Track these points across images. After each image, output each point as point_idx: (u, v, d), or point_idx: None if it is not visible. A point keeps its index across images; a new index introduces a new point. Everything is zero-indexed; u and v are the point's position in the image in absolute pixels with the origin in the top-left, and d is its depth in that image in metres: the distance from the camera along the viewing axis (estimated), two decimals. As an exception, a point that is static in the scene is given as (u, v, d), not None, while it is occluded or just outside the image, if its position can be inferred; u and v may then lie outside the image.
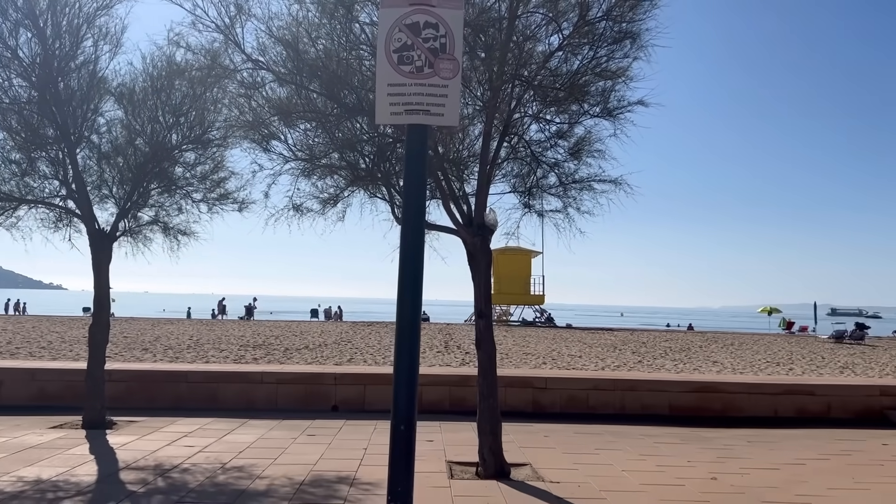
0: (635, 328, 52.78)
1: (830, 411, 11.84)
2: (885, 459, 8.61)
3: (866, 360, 24.38)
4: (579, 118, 7.54)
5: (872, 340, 40.70)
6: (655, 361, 21.30)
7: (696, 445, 9.26)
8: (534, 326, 45.97)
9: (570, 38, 7.28)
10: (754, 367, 20.42)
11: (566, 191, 7.74)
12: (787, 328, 54.91)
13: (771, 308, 63.92)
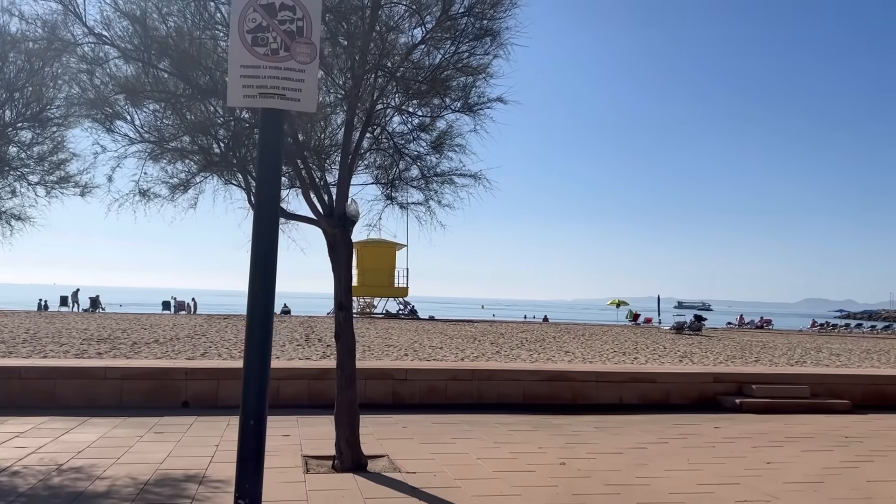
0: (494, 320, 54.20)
1: (670, 398, 12.63)
2: (717, 442, 9.29)
3: (703, 350, 26.27)
4: (441, 112, 7.60)
5: (708, 331, 43.94)
6: (512, 352, 21.94)
7: (547, 432, 9.61)
8: (398, 319, 46.14)
9: (432, 32, 7.31)
10: (603, 356, 21.49)
11: (428, 184, 7.79)
12: (633, 320, 58.24)
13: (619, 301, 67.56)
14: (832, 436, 9.91)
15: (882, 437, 9.97)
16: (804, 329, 61.16)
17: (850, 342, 38.05)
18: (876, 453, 8.76)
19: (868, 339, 46.30)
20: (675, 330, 40.18)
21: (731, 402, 12.38)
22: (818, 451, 8.78)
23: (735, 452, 8.59)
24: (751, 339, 35.70)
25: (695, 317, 43.78)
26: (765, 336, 41.60)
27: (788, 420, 11.24)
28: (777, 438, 9.59)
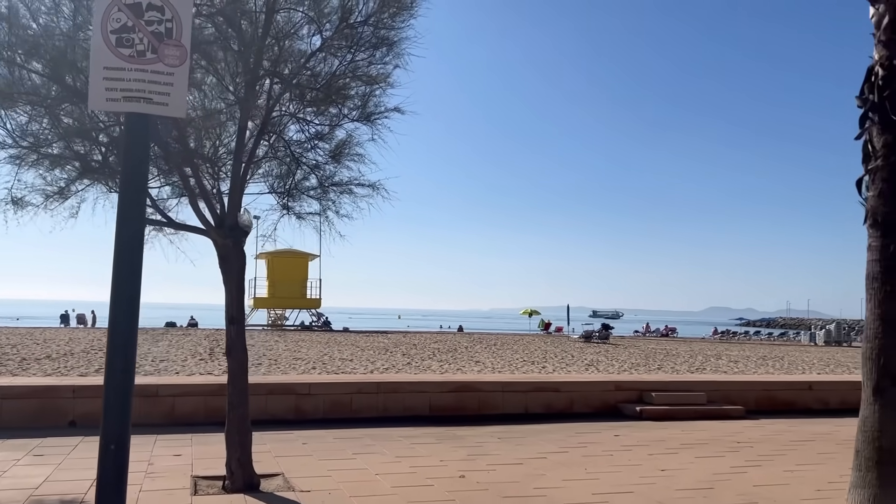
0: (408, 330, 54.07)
1: (574, 406, 12.81)
2: (615, 449, 9.45)
3: (609, 358, 26.86)
4: (339, 121, 7.47)
5: (616, 339, 45.06)
6: (423, 363, 21.86)
7: (450, 444, 9.55)
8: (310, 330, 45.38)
9: (331, 40, 7.19)
10: (512, 365, 21.67)
11: (326, 193, 7.63)
12: (544, 329, 59.20)
13: (532, 310, 68.57)
14: (725, 441, 10.24)
15: (770, 441, 10.36)
16: (706, 337, 63.53)
17: (748, 349, 39.72)
18: (764, 458, 9.08)
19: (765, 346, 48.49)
20: (583, 338, 41.02)
21: (631, 409, 12.65)
22: (711, 458, 9.03)
23: (632, 460, 8.74)
24: (655, 347, 36.78)
25: (602, 325, 44.85)
26: (669, 344, 42.96)
27: (685, 427, 11.56)
28: (673, 445, 9.83)
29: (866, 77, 6.23)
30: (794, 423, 12.31)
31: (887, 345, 5.83)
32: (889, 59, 6.07)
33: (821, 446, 9.94)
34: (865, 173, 6.19)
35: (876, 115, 6.12)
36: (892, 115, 6.01)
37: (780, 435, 10.97)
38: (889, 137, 6.04)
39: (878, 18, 6.19)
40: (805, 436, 10.91)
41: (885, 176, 6.02)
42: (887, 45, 6.09)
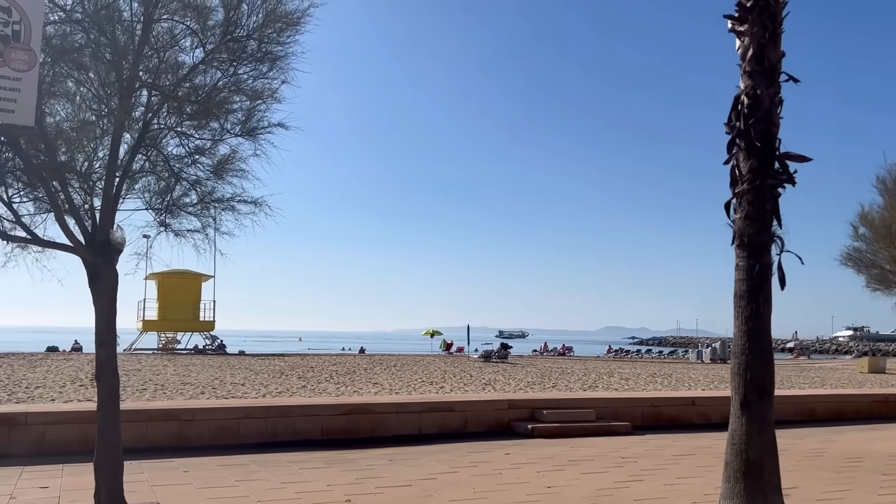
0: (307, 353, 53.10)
1: (467, 425, 12.84)
2: (505, 468, 9.49)
3: (506, 377, 27.14)
4: (222, 136, 7.25)
5: (514, 359, 45.66)
6: (319, 385, 21.43)
7: (339, 468, 9.36)
8: (204, 354, 43.77)
9: (213, 53, 7.01)
10: (410, 386, 21.55)
11: (207, 210, 7.38)
12: (446, 349, 59.39)
13: (434, 331, 68.74)
14: (611, 457, 10.47)
15: (654, 456, 10.68)
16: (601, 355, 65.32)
17: (639, 367, 41.04)
18: (646, 472, 9.34)
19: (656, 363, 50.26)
20: (483, 358, 41.33)
21: (523, 427, 12.79)
22: (596, 473, 9.21)
23: (520, 478, 8.80)
24: (552, 366, 37.48)
25: (501, 345, 45.37)
26: (565, 362, 43.88)
27: (574, 443, 11.77)
28: (561, 462, 9.97)
29: (733, 105, 6.56)
30: (678, 437, 12.75)
31: (753, 360, 6.09)
32: (753, 88, 6.41)
33: (700, 460, 10.31)
34: (733, 197, 6.48)
35: (742, 142, 6.43)
36: (756, 141, 6.34)
37: (664, 449, 11.32)
38: (754, 163, 6.35)
39: (744, 51, 6.53)
40: (686, 450, 11.31)
41: (750, 199, 6.32)
42: (752, 75, 6.43)
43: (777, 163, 6.40)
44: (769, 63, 6.43)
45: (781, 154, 6.40)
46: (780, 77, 6.50)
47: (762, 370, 6.10)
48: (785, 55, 6.55)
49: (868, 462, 10.49)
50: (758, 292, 6.20)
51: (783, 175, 6.37)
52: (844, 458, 10.87)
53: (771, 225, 6.35)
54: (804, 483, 8.76)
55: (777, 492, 5.96)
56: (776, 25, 6.48)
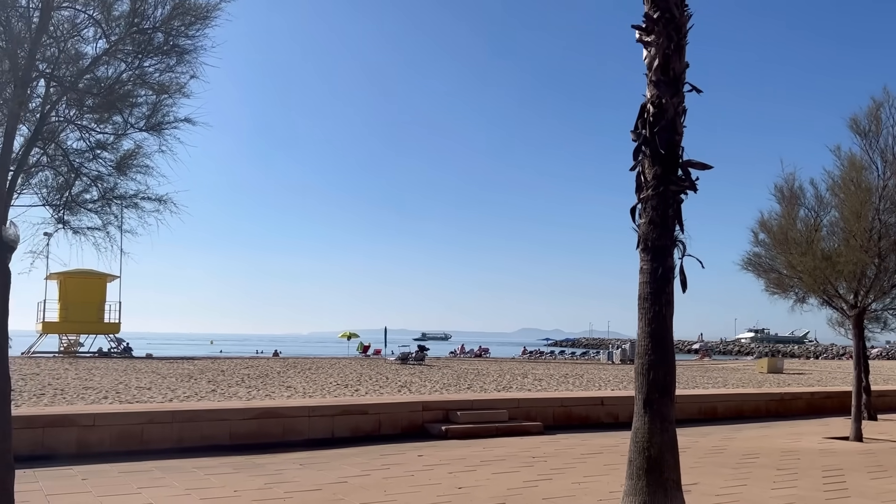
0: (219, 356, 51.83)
1: (381, 428, 12.78)
2: (417, 470, 9.50)
3: (422, 379, 27.19)
4: (125, 130, 6.98)
5: (432, 360, 45.82)
6: (230, 389, 20.91)
7: (248, 473, 9.15)
8: (108, 357, 42.07)
9: (118, 45, 6.74)
10: (324, 389, 21.30)
11: (108, 207, 7.08)
12: (363, 351, 59.06)
13: (351, 333, 68.22)
14: (522, 457, 10.63)
15: (563, 455, 10.90)
16: (516, 356, 66.33)
17: (552, 368, 41.84)
18: (555, 471, 9.52)
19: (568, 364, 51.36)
20: (400, 360, 41.31)
21: (437, 429, 12.83)
22: (507, 473, 9.32)
23: (432, 479, 8.82)
24: (468, 368, 37.79)
25: (419, 347, 45.46)
26: (481, 364, 44.31)
27: (487, 444, 11.89)
28: (473, 463, 10.05)
29: (640, 113, 6.75)
30: (587, 436, 13.06)
31: (656, 360, 6.29)
32: (658, 97, 6.62)
33: (607, 458, 10.58)
34: (638, 202, 6.67)
35: (648, 149, 6.64)
36: (660, 149, 6.55)
37: (573, 448, 11.57)
38: (658, 169, 6.56)
39: (650, 60, 6.74)
40: (595, 448, 11.60)
41: (654, 205, 6.53)
42: (657, 85, 6.64)
43: (680, 170, 6.63)
44: (674, 73, 6.66)
45: (684, 162, 6.64)
46: (684, 87, 6.75)
47: (664, 370, 6.30)
48: (689, 66, 6.80)
49: (764, 458, 11.00)
50: (660, 295, 6.40)
51: (686, 182, 6.60)
52: (743, 454, 11.37)
53: (674, 230, 6.57)
54: (705, 479, 9.10)
55: (677, 488, 6.17)
56: (681, 37, 6.72)
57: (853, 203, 13.64)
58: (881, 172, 13.84)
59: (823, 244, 14.37)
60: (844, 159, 14.29)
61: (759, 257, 15.98)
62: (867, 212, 13.51)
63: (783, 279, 15.60)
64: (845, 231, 13.98)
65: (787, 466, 10.26)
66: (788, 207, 14.87)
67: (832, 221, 14.69)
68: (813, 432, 14.24)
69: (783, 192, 14.98)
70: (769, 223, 15.35)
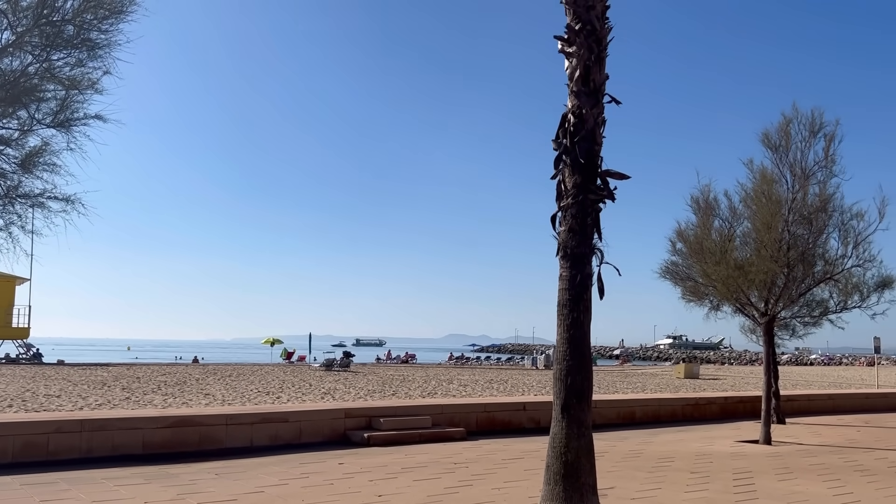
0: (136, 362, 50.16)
1: (302, 436, 12.55)
2: (337, 478, 9.36)
3: (347, 386, 26.93)
4: (31, 126, 6.67)
5: (358, 367, 45.44)
6: (145, 397, 20.23)
7: (160, 484, 8.83)
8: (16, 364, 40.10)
9: (24, 36, 6.44)
10: (245, 397, 20.84)
11: (12, 206, 6.75)
12: (287, 358, 58.14)
13: (274, 339, 66.99)
14: (444, 463, 10.61)
15: (485, 461, 10.94)
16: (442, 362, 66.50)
17: (478, 373, 42.08)
18: (476, 477, 9.54)
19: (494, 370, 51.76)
20: (324, 367, 40.82)
21: (359, 436, 12.70)
22: (428, 480, 9.28)
23: (352, 488, 8.70)
24: (394, 374, 37.63)
25: (344, 353, 45.08)
26: (407, 370, 44.20)
27: (409, 451, 11.83)
28: (394, 470, 9.97)
29: (561, 123, 6.85)
30: (509, 441, 13.15)
31: (573, 366, 6.38)
32: (579, 108, 6.73)
33: (528, 463, 10.67)
34: (559, 210, 6.76)
35: (568, 158, 6.74)
36: (580, 158, 6.66)
37: (494, 454, 11.63)
38: (578, 178, 6.67)
39: (571, 71, 6.85)
40: (515, 454, 11.69)
41: (574, 213, 6.63)
42: (578, 95, 6.76)
43: (599, 179, 6.75)
44: (594, 84, 6.78)
45: (603, 171, 6.76)
46: (604, 98, 6.88)
47: (581, 376, 6.40)
48: (609, 78, 6.93)
49: (678, 462, 11.30)
50: (579, 301, 6.50)
51: (604, 191, 6.72)
52: (658, 458, 11.65)
53: (592, 238, 6.68)
54: (621, 483, 9.28)
55: (593, 492, 6.26)
56: (601, 49, 6.85)
57: (764, 215, 14.21)
58: (790, 185, 14.47)
59: (736, 254, 14.92)
60: (756, 172, 14.89)
61: (676, 266, 16.47)
62: (777, 223, 14.10)
63: (699, 287, 16.12)
64: (757, 241, 14.55)
65: (701, 470, 10.56)
66: (704, 218, 15.39)
67: (745, 232, 15.27)
68: (725, 436, 14.71)
69: (699, 203, 15.49)
70: (685, 233, 15.85)
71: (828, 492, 9.09)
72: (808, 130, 14.40)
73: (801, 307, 16.14)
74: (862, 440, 14.46)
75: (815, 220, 14.28)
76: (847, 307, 15.66)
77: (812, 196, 14.35)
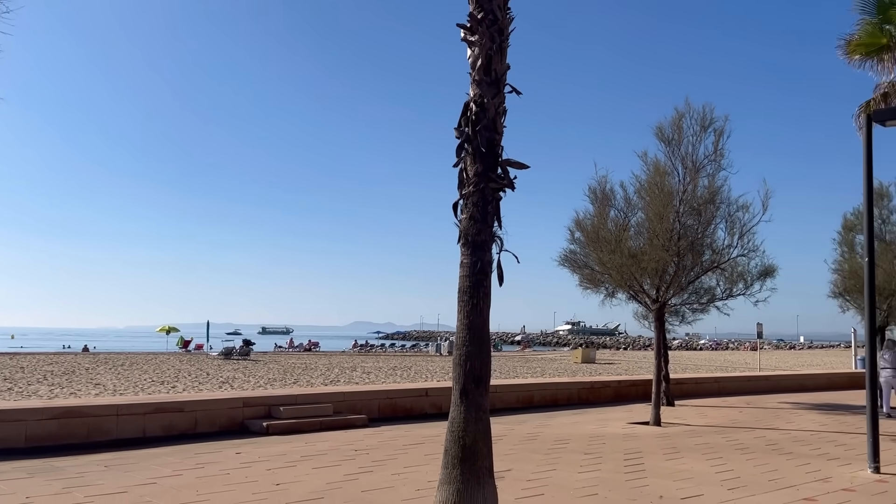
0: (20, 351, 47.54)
1: (198, 426, 12.22)
2: (234, 468, 9.17)
3: (246, 375, 26.42)
4: None
5: (258, 355, 44.62)
6: (30, 387, 19.24)
7: (44, 478, 8.42)
8: None
9: None
10: (138, 386, 20.14)
11: None
12: (183, 346, 56.43)
13: (170, 327, 64.85)
14: (344, 450, 10.58)
15: (386, 447, 10.98)
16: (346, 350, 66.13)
17: (382, 361, 42.14)
18: (377, 463, 9.56)
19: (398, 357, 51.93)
20: (223, 356, 39.89)
21: (258, 425, 12.48)
22: (328, 467, 9.23)
23: (249, 477, 8.56)
24: (296, 362, 37.18)
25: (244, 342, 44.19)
26: (310, 358, 43.76)
27: (310, 439, 11.73)
28: (293, 458, 9.87)
29: (463, 111, 6.89)
30: (411, 427, 13.24)
31: (472, 352, 6.47)
32: (481, 97, 6.80)
33: (428, 448, 10.78)
34: (460, 198, 6.82)
35: (470, 147, 6.79)
36: (482, 147, 6.73)
37: (396, 440, 11.69)
38: (480, 167, 6.73)
39: (474, 60, 6.90)
40: (417, 439, 11.78)
41: (475, 201, 6.69)
42: (480, 84, 6.81)
43: (500, 168, 6.85)
44: (496, 74, 6.85)
45: (504, 160, 6.86)
46: (505, 88, 6.97)
47: (480, 361, 6.49)
48: (510, 68, 7.03)
49: (573, 443, 11.67)
50: (479, 288, 6.58)
51: (504, 180, 6.82)
52: (554, 440, 12.00)
53: (492, 226, 6.77)
54: (518, 465, 9.51)
55: (490, 475, 6.38)
56: (503, 39, 6.93)
57: (657, 206, 14.80)
58: (682, 178, 15.11)
59: (631, 243, 15.49)
60: (650, 165, 15.48)
61: (575, 254, 16.95)
62: (669, 214, 14.72)
63: (595, 275, 16.65)
64: (650, 231, 15.14)
65: (594, 451, 10.95)
66: (601, 208, 15.88)
67: (639, 222, 15.86)
68: (618, 418, 15.30)
69: (596, 193, 15.97)
70: (583, 222, 16.32)
71: (710, 469, 9.61)
72: (699, 125, 15.07)
73: (690, 294, 16.92)
74: (743, 420, 15.35)
75: (704, 212, 14.98)
76: (732, 294, 16.53)
77: (702, 188, 15.04)
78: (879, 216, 19.78)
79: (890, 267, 18.94)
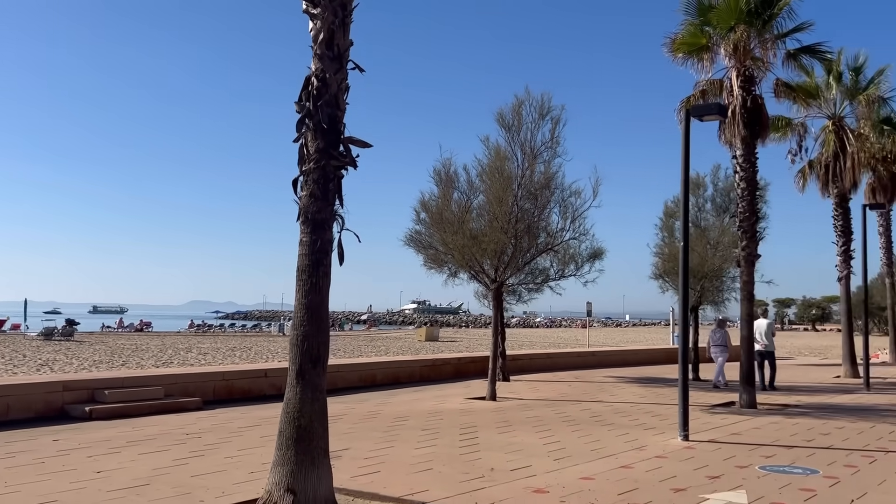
0: None
1: (10, 412, 11.28)
2: (49, 456, 8.54)
3: (69, 357, 24.66)
4: None
5: (83, 336, 41.75)
6: None
7: None
8: None
9: None
10: (-60, 371, 18.26)
11: None
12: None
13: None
14: (175, 434, 10.14)
15: (220, 430, 10.63)
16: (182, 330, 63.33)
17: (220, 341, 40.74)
18: (209, 447, 9.24)
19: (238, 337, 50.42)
20: (44, 336, 37.02)
21: (80, 410, 11.71)
22: (155, 453, 8.81)
23: (67, 465, 8.00)
24: (125, 343, 35.18)
25: (67, 321, 41.21)
26: (141, 339, 41.53)
27: (137, 423, 11.14)
28: (118, 444, 9.33)
29: (304, 85, 6.72)
30: (247, 409, 12.91)
31: (310, 332, 6.39)
32: (323, 72, 6.66)
33: (265, 430, 10.55)
34: (300, 174, 6.67)
35: (311, 122, 6.65)
36: (323, 123, 6.61)
37: (231, 422, 11.36)
38: (321, 143, 6.61)
39: (316, 33, 6.74)
40: (253, 421, 11.51)
41: (316, 178, 6.57)
42: (322, 59, 6.67)
43: (342, 145, 6.76)
44: (338, 49, 6.73)
45: (346, 138, 6.77)
46: (348, 65, 6.87)
47: (318, 340, 6.42)
48: (353, 44, 6.93)
49: (412, 420, 11.86)
50: (318, 267, 6.49)
51: (346, 157, 6.75)
52: (394, 417, 12.13)
53: (334, 204, 6.68)
54: (356, 444, 9.53)
55: (325, 455, 6.35)
56: (346, 14, 6.81)
57: (497, 189, 15.25)
58: (520, 163, 15.64)
59: (472, 225, 15.87)
60: (492, 149, 15.89)
61: (420, 234, 17.14)
62: (508, 198, 15.21)
63: (439, 255, 16.93)
64: (490, 214, 15.58)
65: (431, 426, 11.18)
66: (445, 190, 16.14)
67: (480, 205, 16.28)
68: (457, 394, 15.71)
69: (441, 175, 16.20)
70: (429, 203, 16.51)
71: (539, 441, 10.09)
72: (537, 113, 15.63)
73: (527, 275, 17.61)
74: (571, 394, 16.24)
75: (540, 196, 15.59)
76: (564, 275, 17.38)
77: (538, 174, 15.64)
78: (696, 204, 21.45)
79: (704, 251, 20.62)
